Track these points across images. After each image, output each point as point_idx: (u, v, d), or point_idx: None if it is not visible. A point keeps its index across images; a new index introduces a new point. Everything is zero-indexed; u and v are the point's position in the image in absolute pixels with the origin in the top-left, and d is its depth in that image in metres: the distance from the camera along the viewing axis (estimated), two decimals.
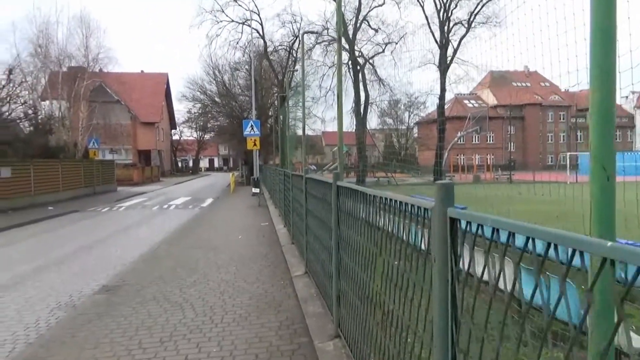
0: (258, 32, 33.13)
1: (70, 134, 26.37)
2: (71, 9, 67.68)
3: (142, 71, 51.83)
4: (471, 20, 32.80)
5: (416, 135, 50.10)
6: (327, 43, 31.67)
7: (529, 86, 59.44)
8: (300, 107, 9.18)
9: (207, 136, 60.36)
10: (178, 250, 8.95)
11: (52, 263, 8.04)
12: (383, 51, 33.31)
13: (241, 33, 36.02)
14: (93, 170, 25.14)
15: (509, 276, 1.31)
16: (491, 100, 58.64)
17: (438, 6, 32.82)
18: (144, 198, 22.74)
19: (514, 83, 57.51)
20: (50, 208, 17.33)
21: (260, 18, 33.62)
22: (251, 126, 20.10)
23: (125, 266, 7.64)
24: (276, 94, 32.22)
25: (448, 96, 37.95)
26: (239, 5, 32.78)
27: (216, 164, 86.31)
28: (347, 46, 30.81)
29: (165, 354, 4.07)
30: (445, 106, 36.94)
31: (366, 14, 32.41)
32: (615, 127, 1.69)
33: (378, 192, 2.68)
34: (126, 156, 43.18)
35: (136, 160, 43.85)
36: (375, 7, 32.36)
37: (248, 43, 32.84)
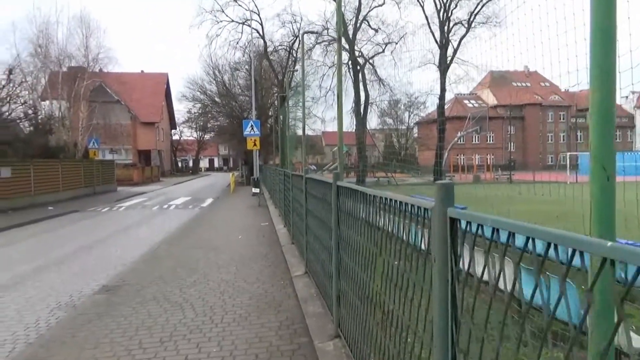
0: (258, 32, 33.19)
1: (70, 134, 26.36)
2: (71, 9, 68.02)
3: (142, 71, 51.86)
4: (471, 20, 32.82)
5: (416, 135, 50.13)
6: (327, 43, 31.70)
7: (529, 86, 59.46)
8: (300, 107, 9.18)
9: (207, 136, 60.39)
10: (178, 250, 8.95)
11: (52, 263, 8.04)
12: (383, 51, 33.36)
13: (241, 33, 36.12)
14: (93, 170, 25.14)
15: (509, 276, 1.31)
16: (491, 100, 58.67)
17: (438, 6, 32.86)
18: (144, 198, 22.74)
19: (514, 83, 57.53)
20: (50, 208, 17.33)
21: (260, 18, 33.71)
22: (251, 126, 20.10)
23: (125, 266, 7.64)
24: (276, 94, 32.22)
25: (448, 96, 37.98)
26: (239, 5, 32.82)
27: (216, 164, 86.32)
28: (347, 46, 30.82)
29: (165, 354, 4.07)
30: (445, 106, 36.95)
31: (366, 14, 32.46)
32: (615, 127, 1.69)
33: (378, 192, 2.68)
34: (126, 156, 43.18)
35: (136, 160, 43.86)
36: (375, 7, 32.42)
37: (248, 43, 32.87)
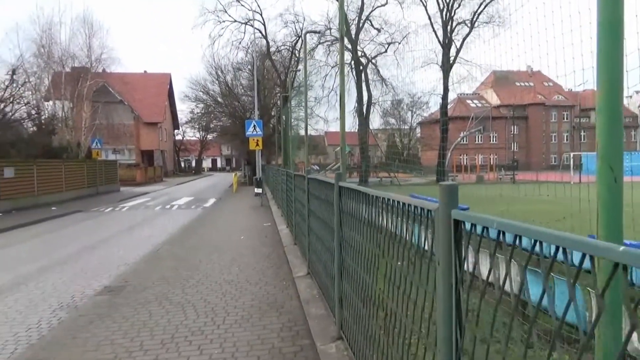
0: (261, 32, 33.21)
1: (73, 134, 26.42)
2: (74, 10, 67.95)
3: (145, 71, 51.96)
4: (474, 19, 32.77)
5: (419, 135, 50.04)
6: (330, 43, 31.67)
7: (532, 86, 59.27)
8: (302, 107, 9.14)
9: (210, 136, 60.49)
10: (181, 250, 8.93)
11: (55, 263, 8.04)
12: (386, 51, 33.32)
13: (244, 33, 36.01)
14: (96, 170, 25.19)
15: (515, 279, 1.28)
16: (494, 100, 58.54)
17: (441, 6, 32.83)
18: (147, 198, 22.76)
19: (517, 83, 57.40)
20: (53, 208, 17.37)
21: (262, 18, 33.73)
22: (254, 126, 20.06)
23: (127, 266, 7.63)
24: (279, 94, 32.20)
25: (451, 96, 37.91)
26: (242, 5, 32.97)
27: (219, 164, 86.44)
28: (350, 46, 30.80)
29: (166, 356, 4.05)
30: (448, 106, 36.88)
31: (369, 14, 32.44)
32: (623, 126, 1.65)
33: (381, 193, 2.64)
34: (129, 156, 43.24)
35: (139, 160, 43.92)
36: (378, 7, 32.42)
37: (251, 43, 32.92)
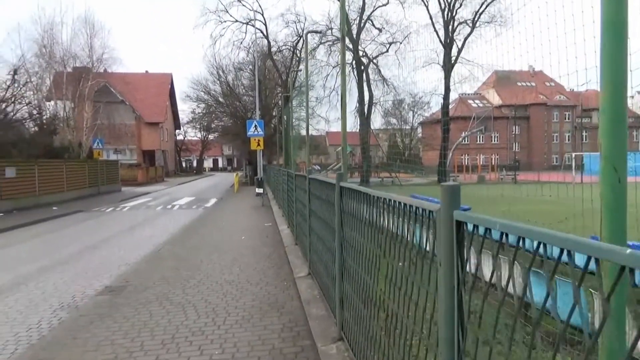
0: (262, 32, 33.21)
1: (74, 134, 26.44)
2: (75, 10, 68.04)
3: (147, 71, 52.01)
4: (476, 19, 32.72)
5: (420, 135, 50.00)
6: (331, 43, 31.65)
7: (534, 86, 59.18)
8: (304, 107, 9.12)
9: (211, 136, 60.47)
10: (182, 250, 8.93)
11: (56, 263, 8.04)
12: (387, 51, 33.30)
13: (245, 33, 36.08)
14: (97, 170, 25.21)
15: (518, 282, 1.26)
16: (496, 100, 58.46)
17: (442, 5, 32.79)
18: (148, 198, 22.77)
19: (519, 83, 57.30)
20: (54, 208, 17.38)
21: (264, 18, 33.81)
22: (255, 126, 20.05)
23: (128, 267, 7.63)
24: (280, 94, 32.18)
25: (452, 96, 37.88)
26: (243, 5, 32.94)
27: (220, 164, 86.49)
28: (351, 46, 30.77)
29: (166, 357, 4.04)
30: (449, 106, 36.82)
31: (370, 14, 32.41)
32: (627, 127, 1.63)
33: (382, 194, 2.63)
34: (130, 156, 43.29)
35: (140, 160, 43.96)
36: (379, 7, 32.38)
37: (252, 43, 32.93)
